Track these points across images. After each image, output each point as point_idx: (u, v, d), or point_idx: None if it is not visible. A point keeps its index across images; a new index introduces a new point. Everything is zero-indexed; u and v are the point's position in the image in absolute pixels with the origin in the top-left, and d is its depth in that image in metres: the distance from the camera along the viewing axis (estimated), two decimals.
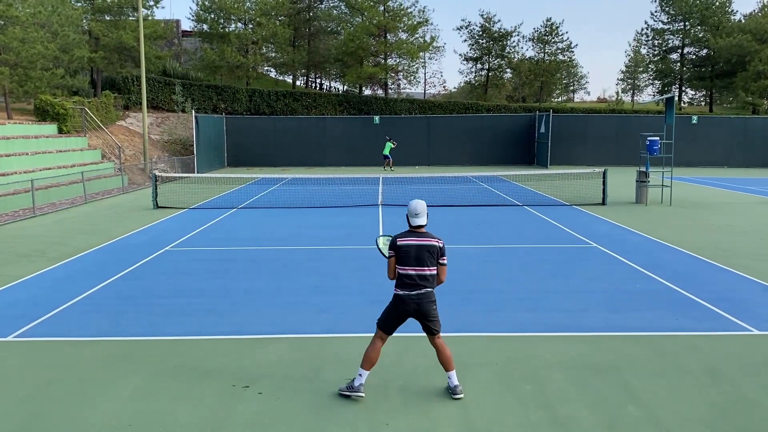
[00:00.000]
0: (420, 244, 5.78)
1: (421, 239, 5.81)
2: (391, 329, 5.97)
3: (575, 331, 7.79)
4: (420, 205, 5.90)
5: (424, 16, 50.12)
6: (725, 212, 18.40)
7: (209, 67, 45.37)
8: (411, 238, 5.82)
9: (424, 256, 5.76)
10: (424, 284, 5.79)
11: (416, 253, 5.75)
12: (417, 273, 5.76)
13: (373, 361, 5.91)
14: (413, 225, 5.88)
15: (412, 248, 5.76)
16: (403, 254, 5.79)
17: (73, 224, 16.60)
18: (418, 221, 5.86)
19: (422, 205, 5.91)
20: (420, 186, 25.68)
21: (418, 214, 5.87)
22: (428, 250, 5.78)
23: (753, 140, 39.45)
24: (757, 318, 8.25)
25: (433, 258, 5.79)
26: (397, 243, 5.83)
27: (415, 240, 5.80)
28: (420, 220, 5.86)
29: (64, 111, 27.45)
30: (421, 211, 5.88)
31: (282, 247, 13.37)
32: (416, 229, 5.88)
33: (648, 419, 5.47)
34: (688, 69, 57.86)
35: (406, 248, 5.78)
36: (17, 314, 8.59)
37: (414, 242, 5.79)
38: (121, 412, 5.66)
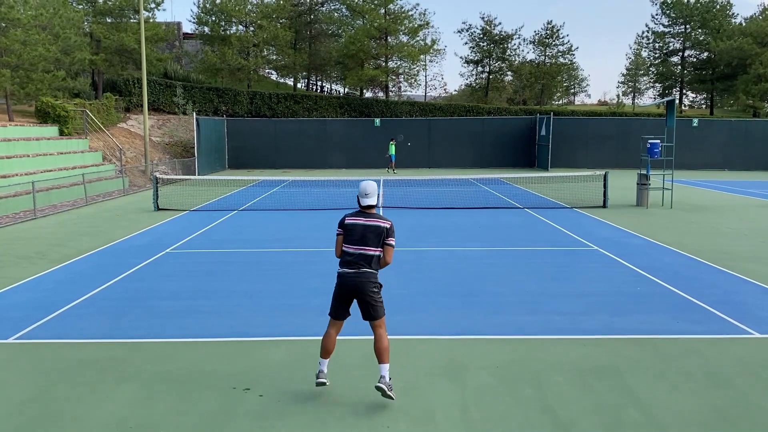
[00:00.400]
0: (366, 224, 5.84)
1: (369, 219, 5.86)
2: (339, 314, 5.99)
3: (576, 333, 7.79)
4: (370, 186, 5.94)
5: (425, 19, 50.17)
6: (726, 215, 18.39)
7: (210, 70, 45.43)
8: (359, 217, 5.90)
9: (368, 236, 5.80)
10: (364, 264, 5.80)
11: (361, 232, 5.81)
12: (358, 252, 5.81)
13: (328, 349, 6.00)
14: (363, 205, 5.92)
15: (358, 227, 5.84)
16: (348, 232, 5.87)
17: (74, 226, 16.61)
18: (367, 201, 5.91)
19: (372, 185, 5.96)
20: (421, 188, 25.69)
21: (367, 194, 5.91)
22: (374, 230, 5.81)
23: (754, 143, 39.48)
24: (758, 321, 8.24)
25: (377, 239, 5.81)
26: (345, 221, 5.92)
27: (362, 219, 5.87)
28: (369, 200, 5.90)
29: (65, 113, 27.48)
30: (371, 191, 5.91)
31: (283, 249, 13.38)
32: (366, 209, 5.92)
33: (649, 422, 5.47)
34: (688, 72, 57.86)
35: (351, 227, 5.86)
36: (18, 316, 8.59)
37: (360, 221, 5.86)
38: (122, 414, 5.66)
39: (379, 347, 5.82)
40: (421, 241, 14.13)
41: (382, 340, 5.85)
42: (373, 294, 5.84)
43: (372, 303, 5.85)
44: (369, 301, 5.84)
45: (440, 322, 8.26)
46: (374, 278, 5.87)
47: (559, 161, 37.83)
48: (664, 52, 59.39)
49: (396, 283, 10.18)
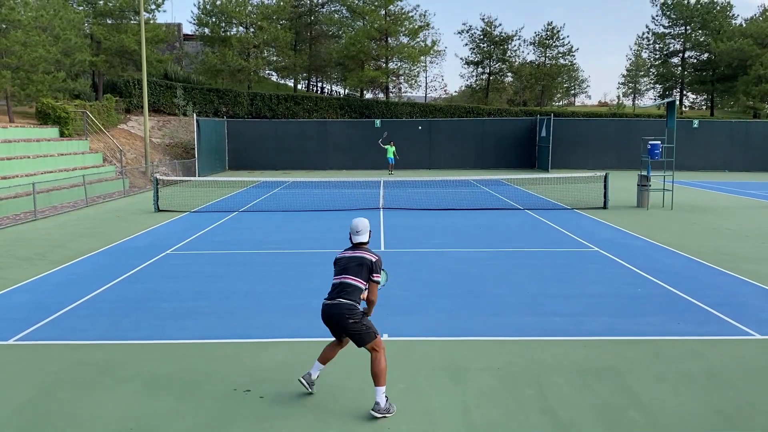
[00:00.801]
0: (351, 255, 5.90)
1: (355, 252, 5.93)
2: (335, 336, 6.03)
3: (577, 335, 7.78)
4: (361, 223, 6.04)
5: (425, 20, 50.18)
6: (726, 216, 18.38)
7: (210, 71, 45.43)
8: (348, 251, 5.99)
9: (350, 266, 5.82)
10: (341, 294, 5.72)
11: (344, 263, 5.88)
12: (338, 281, 5.81)
13: (326, 356, 6.11)
14: (354, 242, 6.02)
15: (344, 259, 5.93)
16: (335, 265, 5.99)
17: (74, 227, 16.61)
18: (358, 238, 5.99)
19: (363, 223, 6.05)
20: (421, 189, 25.69)
21: (358, 232, 6.00)
22: (357, 260, 5.83)
23: (754, 144, 39.46)
24: (758, 322, 8.24)
25: (359, 269, 5.79)
26: (336, 257, 6.04)
27: (348, 252, 5.96)
28: (360, 237, 5.99)
29: (65, 114, 27.50)
30: (362, 228, 6.01)
31: (283, 250, 13.37)
32: (357, 245, 5.99)
33: (649, 424, 5.46)
34: (689, 73, 57.87)
35: (338, 260, 5.98)
36: (19, 318, 8.59)
37: (347, 254, 5.94)
38: (122, 415, 5.66)
39: (372, 370, 5.68)
40: (422, 242, 14.13)
41: (376, 362, 5.67)
42: (351, 325, 5.67)
43: (352, 333, 5.72)
44: (349, 332, 5.73)
45: (441, 324, 8.26)
46: (349, 310, 5.67)
47: (560, 162, 37.82)
48: (664, 53, 59.40)
49: (396, 285, 10.17)
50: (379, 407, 5.55)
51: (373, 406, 5.60)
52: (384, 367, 5.67)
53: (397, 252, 13.04)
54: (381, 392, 5.61)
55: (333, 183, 26.76)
